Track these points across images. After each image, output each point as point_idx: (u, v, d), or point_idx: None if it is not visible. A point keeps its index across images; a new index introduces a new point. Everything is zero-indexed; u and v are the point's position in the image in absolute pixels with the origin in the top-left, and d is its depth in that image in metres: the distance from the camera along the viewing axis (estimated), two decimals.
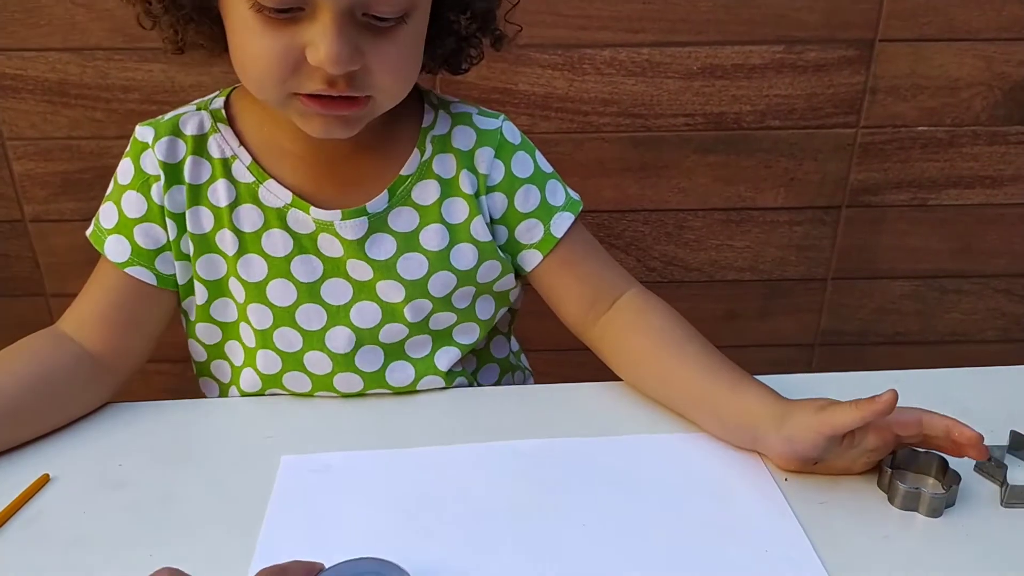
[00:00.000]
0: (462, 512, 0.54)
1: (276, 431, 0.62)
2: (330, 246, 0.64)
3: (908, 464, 0.57)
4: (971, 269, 1.26)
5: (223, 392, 0.71)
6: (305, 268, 0.64)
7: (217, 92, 0.68)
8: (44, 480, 0.57)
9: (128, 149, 0.65)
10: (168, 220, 0.64)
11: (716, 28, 1.09)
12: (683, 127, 1.14)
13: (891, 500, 0.54)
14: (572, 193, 0.70)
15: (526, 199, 0.67)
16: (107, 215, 0.65)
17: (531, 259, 0.68)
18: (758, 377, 0.61)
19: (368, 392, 0.67)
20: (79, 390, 0.63)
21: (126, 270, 0.64)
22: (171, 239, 0.64)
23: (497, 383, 0.77)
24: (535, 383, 0.82)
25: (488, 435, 0.61)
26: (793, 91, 1.13)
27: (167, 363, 1.22)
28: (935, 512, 0.53)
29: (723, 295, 1.27)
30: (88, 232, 0.66)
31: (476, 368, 0.76)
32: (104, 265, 0.65)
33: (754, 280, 1.25)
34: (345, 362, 0.65)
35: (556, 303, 0.70)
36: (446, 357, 0.68)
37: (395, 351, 0.67)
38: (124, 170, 0.65)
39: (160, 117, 0.66)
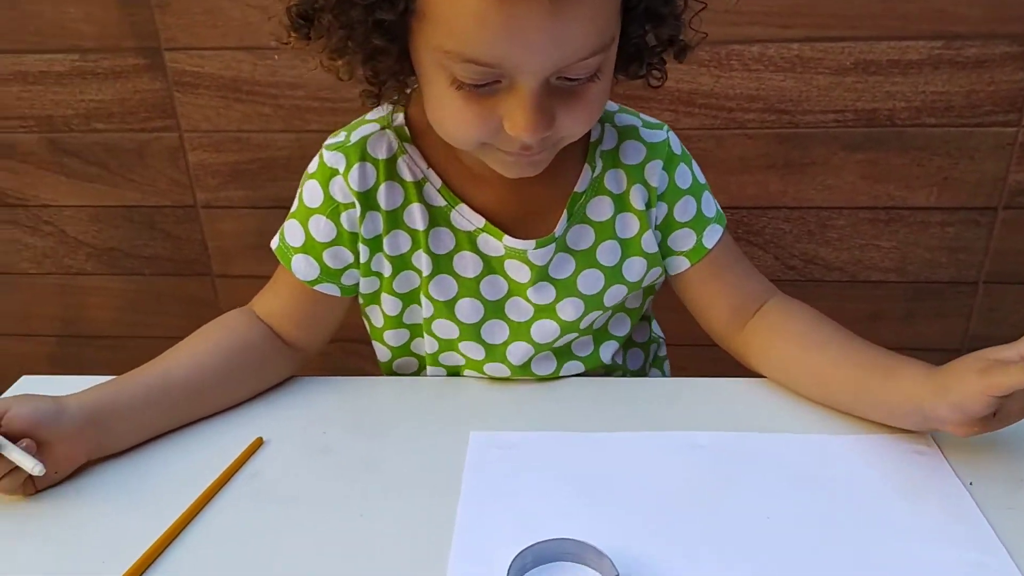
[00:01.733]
0: (642, 498, 0.55)
1: (463, 409, 0.66)
2: (517, 271, 0.67)
3: None
4: None
5: None
6: (492, 288, 0.68)
7: (392, 107, 0.66)
8: (258, 443, 0.62)
9: (315, 170, 0.65)
10: (361, 245, 0.66)
11: (871, 22, 1.07)
12: (832, 123, 1.12)
13: None
14: (718, 206, 0.71)
15: (684, 209, 0.68)
16: (293, 233, 0.67)
17: (679, 264, 0.69)
18: None
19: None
20: (270, 363, 0.69)
21: (315, 287, 0.67)
22: (362, 261, 0.67)
23: (642, 367, 0.79)
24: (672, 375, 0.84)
25: (660, 424, 0.63)
26: (951, 88, 1.09)
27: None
28: None
29: (865, 296, 1.24)
30: (274, 246, 0.68)
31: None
32: (288, 276, 0.68)
33: (899, 282, 1.22)
34: (521, 370, 0.69)
35: (700, 311, 0.71)
36: (608, 350, 0.71)
37: (565, 353, 0.70)
38: (312, 193, 0.65)
39: (346, 139, 0.65)
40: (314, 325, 0.71)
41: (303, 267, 0.67)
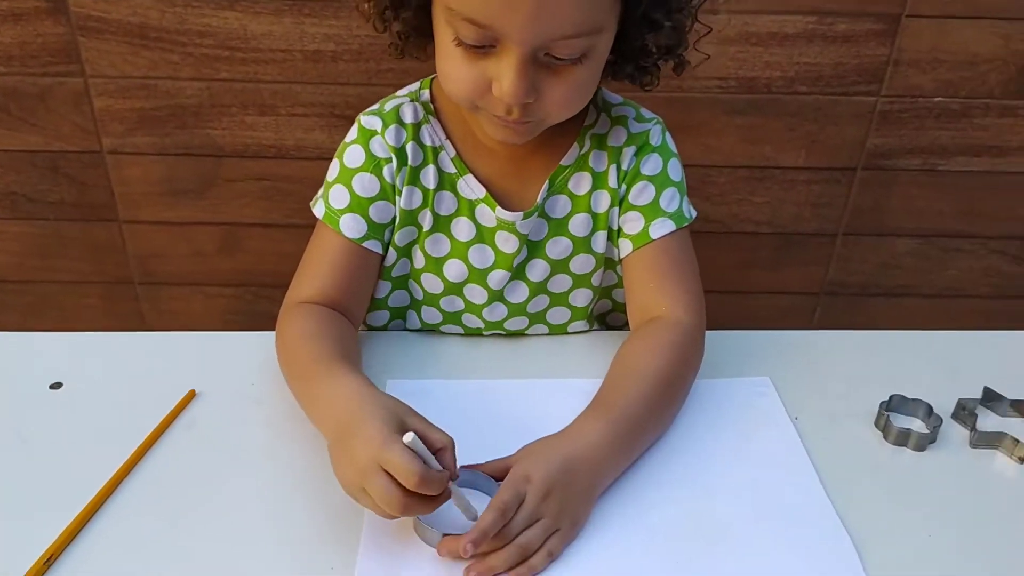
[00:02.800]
0: (526, 437, 0.63)
1: (386, 360, 0.74)
2: (505, 242, 0.74)
3: (899, 408, 0.69)
4: (971, 231, 1.36)
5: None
6: (480, 256, 0.75)
7: (419, 83, 0.75)
8: (191, 395, 0.69)
9: (354, 137, 0.73)
10: (396, 196, 0.73)
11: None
12: (716, 89, 1.22)
13: (885, 437, 0.67)
14: (687, 209, 0.75)
15: (640, 193, 0.74)
16: (337, 196, 0.72)
17: (624, 247, 0.75)
18: (761, 332, 0.78)
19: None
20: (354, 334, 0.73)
21: (363, 244, 0.72)
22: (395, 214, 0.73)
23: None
24: None
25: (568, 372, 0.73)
26: (822, 60, 1.20)
27: (230, 287, 1.34)
28: (920, 447, 0.66)
29: (739, 245, 1.37)
30: (320, 214, 0.73)
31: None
32: (334, 241, 0.72)
33: (770, 233, 1.36)
34: (495, 325, 0.79)
35: (627, 300, 0.77)
36: (579, 327, 0.81)
37: (537, 317, 0.80)
38: (353, 155, 0.72)
39: (380, 107, 0.74)
40: (360, 289, 0.74)
41: (351, 225, 0.72)
